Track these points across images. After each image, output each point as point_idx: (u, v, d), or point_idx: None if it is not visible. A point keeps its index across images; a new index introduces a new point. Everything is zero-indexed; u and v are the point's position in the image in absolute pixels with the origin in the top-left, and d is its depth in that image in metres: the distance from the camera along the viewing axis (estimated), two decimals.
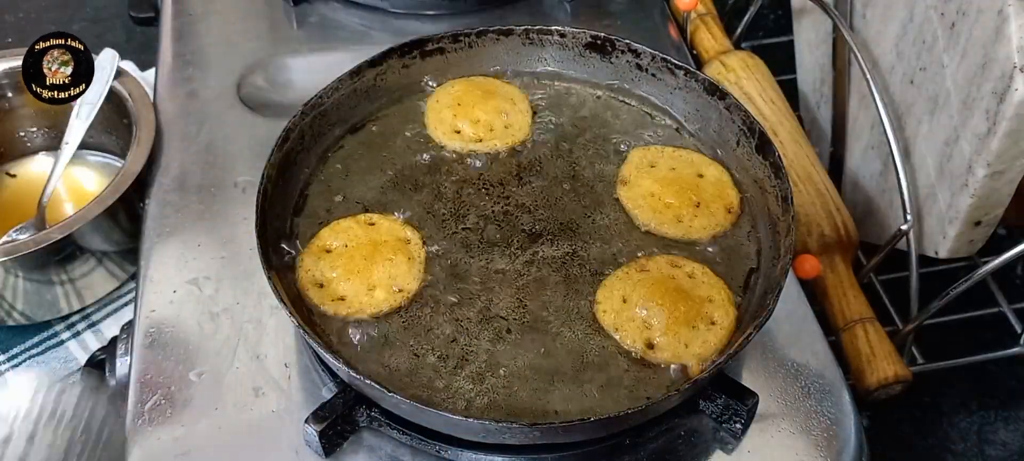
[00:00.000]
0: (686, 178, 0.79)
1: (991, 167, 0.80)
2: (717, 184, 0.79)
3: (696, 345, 0.68)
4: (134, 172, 0.85)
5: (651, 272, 0.72)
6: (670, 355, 0.68)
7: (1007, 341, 0.94)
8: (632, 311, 0.70)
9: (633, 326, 0.69)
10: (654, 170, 0.80)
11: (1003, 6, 0.76)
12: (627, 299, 0.71)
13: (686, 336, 0.69)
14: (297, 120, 0.76)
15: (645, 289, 0.70)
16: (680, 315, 0.69)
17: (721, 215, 0.77)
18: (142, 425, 0.69)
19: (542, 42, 0.86)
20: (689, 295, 0.70)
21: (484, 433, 0.63)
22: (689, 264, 0.73)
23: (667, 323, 0.69)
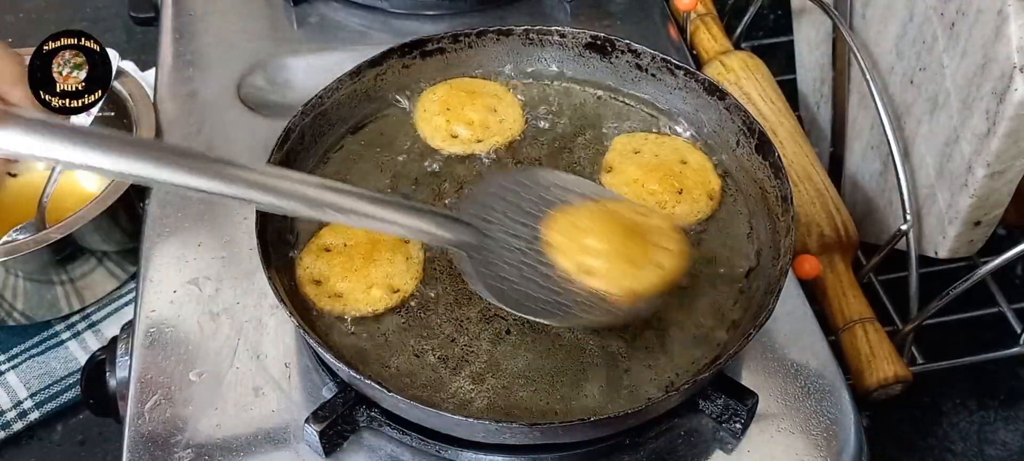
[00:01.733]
0: (669, 165, 0.79)
1: (991, 167, 0.80)
2: (699, 171, 0.79)
3: (632, 281, 0.67)
4: None
5: (613, 209, 0.72)
6: (603, 284, 0.67)
7: (1007, 341, 0.94)
8: (581, 236, 0.69)
9: (577, 250, 0.68)
10: (638, 156, 0.80)
11: (1003, 6, 0.76)
12: (581, 225, 0.70)
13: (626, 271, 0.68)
14: (297, 120, 0.76)
15: (602, 221, 0.70)
16: (625, 252, 0.68)
17: (703, 202, 0.78)
18: (142, 425, 0.69)
19: (542, 42, 0.86)
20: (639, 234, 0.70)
21: (484, 433, 0.64)
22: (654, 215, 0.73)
23: (610, 255, 0.68)
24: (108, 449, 0.89)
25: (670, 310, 0.72)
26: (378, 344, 0.69)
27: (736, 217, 0.78)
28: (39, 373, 0.90)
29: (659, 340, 0.70)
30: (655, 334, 0.70)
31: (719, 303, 0.72)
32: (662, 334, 0.70)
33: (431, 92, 0.84)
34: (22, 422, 0.88)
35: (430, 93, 0.84)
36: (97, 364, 0.76)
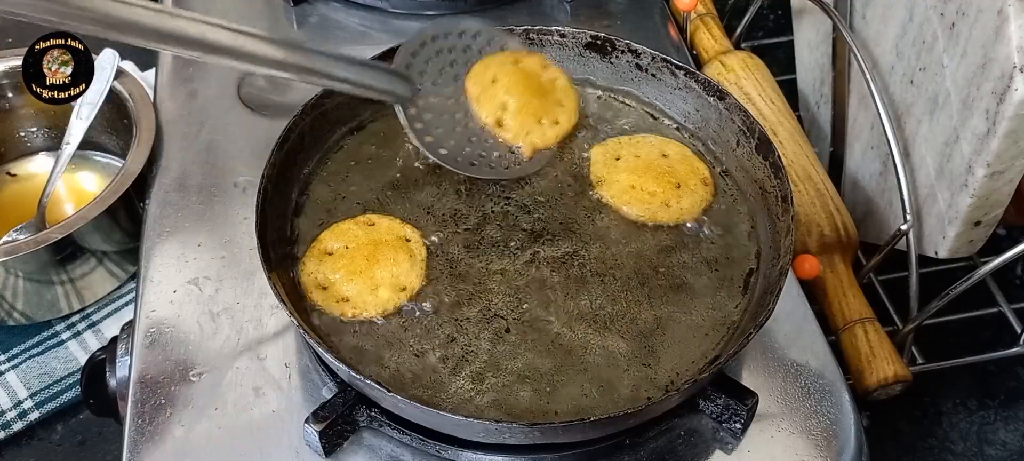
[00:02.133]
0: (655, 161, 0.80)
1: (991, 167, 0.80)
2: (684, 160, 0.81)
3: (535, 136, 0.79)
4: (134, 172, 0.86)
5: (523, 66, 0.81)
6: (511, 137, 0.79)
7: (1007, 341, 0.94)
8: (496, 91, 0.79)
9: (492, 104, 0.79)
10: (621, 162, 0.80)
11: (1003, 6, 0.76)
12: (496, 79, 0.79)
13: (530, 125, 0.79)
14: (297, 120, 0.77)
15: (513, 78, 0.79)
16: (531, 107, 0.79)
17: (700, 190, 0.78)
18: (142, 425, 0.69)
19: (542, 42, 0.86)
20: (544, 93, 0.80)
21: (484, 433, 0.64)
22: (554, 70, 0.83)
23: (518, 109, 0.79)
24: (108, 449, 0.89)
25: (670, 310, 0.72)
26: (378, 344, 0.69)
27: (736, 217, 0.78)
28: (39, 373, 0.90)
29: (659, 340, 0.70)
30: (655, 334, 0.70)
31: (719, 303, 0.72)
32: (662, 334, 0.70)
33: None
34: (22, 422, 0.88)
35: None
36: (97, 364, 0.76)
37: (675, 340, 0.70)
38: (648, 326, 0.71)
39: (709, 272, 0.74)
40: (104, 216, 0.84)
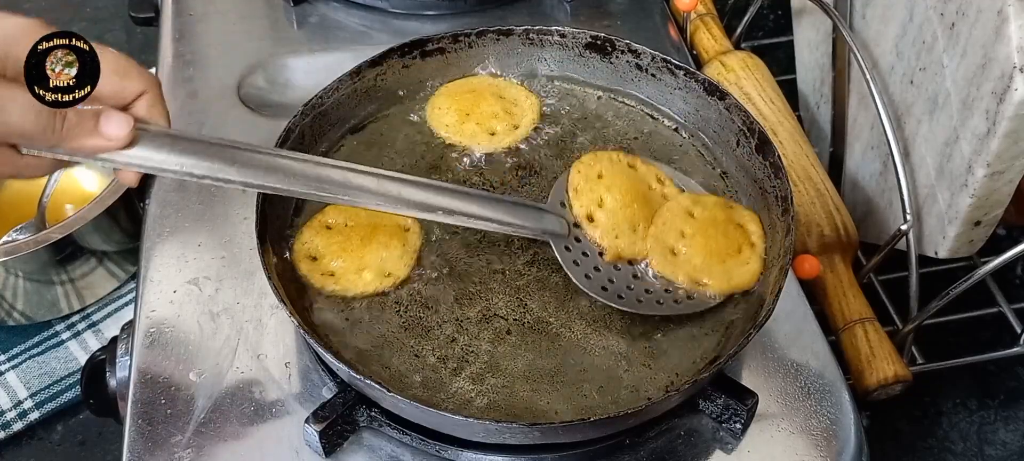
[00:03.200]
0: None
1: (991, 167, 0.80)
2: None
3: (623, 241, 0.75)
4: None
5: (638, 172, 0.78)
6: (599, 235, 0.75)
7: (1007, 341, 0.94)
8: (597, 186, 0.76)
9: (590, 197, 0.76)
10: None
11: (1003, 6, 0.76)
12: (602, 176, 0.77)
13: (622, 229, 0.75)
14: (297, 120, 0.76)
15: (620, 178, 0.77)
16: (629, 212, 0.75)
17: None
18: (142, 425, 0.69)
19: (542, 42, 0.86)
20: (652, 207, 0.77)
21: (484, 433, 0.64)
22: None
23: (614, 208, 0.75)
24: (108, 449, 0.89)
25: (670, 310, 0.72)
26: (378, 344, 0.69)
27: None
28: (39, 373, 0.90)
29: (659, 340, 0.70)
30: (655, 334, 0.70)
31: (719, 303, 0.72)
32: (662, 334, 0.70)
33: (453, 85, 0.85)
34: (22, 422, 0.88)
35: (451, 86, 0.84)
36: (97, 364, 0.76)
37: (675, 340, 0.70)
38: (648, 326, 0.71)
39: None
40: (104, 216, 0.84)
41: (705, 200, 0.77)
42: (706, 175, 0.81)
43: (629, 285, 0.72)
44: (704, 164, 0.81)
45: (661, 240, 0.74)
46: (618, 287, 0.72)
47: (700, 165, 0.81)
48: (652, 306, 0.71)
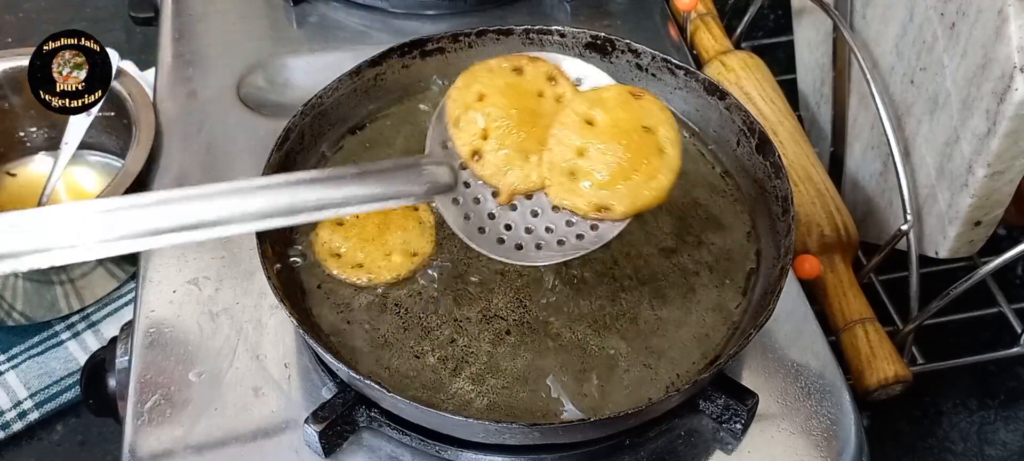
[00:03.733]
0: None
1: (991, 167, 0.80)
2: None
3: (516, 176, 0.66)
4: (134, 172, 0.85)
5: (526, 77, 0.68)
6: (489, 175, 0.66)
7: (1007, 341, 0.94)
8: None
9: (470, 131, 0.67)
10: None
11: (1003, 6, 0.76)
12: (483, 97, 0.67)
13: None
14: (297, 120, 0.76)
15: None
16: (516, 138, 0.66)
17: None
18: (141, 425, 0.69)
19: (542, 42, 0.85)
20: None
21: (484, 433, 0.64)
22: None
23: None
24: (108, 449, 0.89)
25: (670, 310, 0.72)
26: (378, 344, 0.69)
27: (736, 217, 0.78)
28: (39, 373, 0.90)
29: (659, 340, 0.70)
30: (655, 334, 0.70)
31: (719, 303, 0.72)
32: (662, 334, 0.70)
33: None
34: (22, 422, 0.88)
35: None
36: (97, 364, 0.76)
37: (675, 340, 0.70)
38: (648, 326, 0.71)
39: (709, 272, 0.74)
40: None
41: (605, 98, 0.67)
42: (706, 174, 0.81)
43: (528, 227, 0.65)
44: (704, 164, 0.81)
45: (557, 163, 0.65)
46: (516, 234, 0.65)
47: (700, 164, 0.81)
48: (553, 249, 0.64)
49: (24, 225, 0.52)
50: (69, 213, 0.54)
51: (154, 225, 0.54)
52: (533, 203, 0.67)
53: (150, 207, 0.54)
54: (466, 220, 0.65)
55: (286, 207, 0.59)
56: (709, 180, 0.80)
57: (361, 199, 0.62)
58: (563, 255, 0.65)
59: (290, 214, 0.59)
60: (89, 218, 0.53)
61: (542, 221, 0.66)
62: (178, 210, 0.55)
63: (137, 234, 0.54)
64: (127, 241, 0.53)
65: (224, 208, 0.56)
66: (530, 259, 0.65)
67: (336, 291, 0.72)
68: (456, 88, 0.68)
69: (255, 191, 0.58)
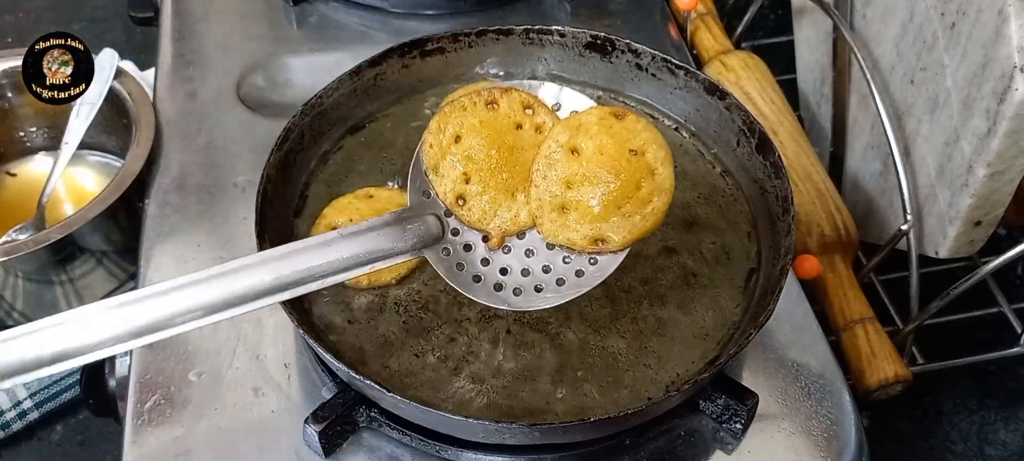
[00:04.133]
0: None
1: (991, 167, 0.80)
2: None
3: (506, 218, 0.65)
4: (133, 172, 0.85)
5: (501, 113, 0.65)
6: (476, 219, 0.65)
7: (1007, 341, 0.94)
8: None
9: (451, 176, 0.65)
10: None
11: (1003, 6, 0.76)
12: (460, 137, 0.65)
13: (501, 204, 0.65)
14: (297, 120, 0.76)
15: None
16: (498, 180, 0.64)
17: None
18: (141, 425, 0.69)
19: (542, 42, 0.85)
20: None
21: (484, 433, 0.63)
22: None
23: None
24: (108, 449, 0.89)
25: (670, 310, 0.72)
26: (378, 344, 0.69)
27: (736, 217, 0.78)
28: None
29: (659, 340, 0.70)
30: (655, 334, 0.70)
31: (719, 303, 0.72)
32: (662, 334, 0.70)
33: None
34: (22, 422, 0.88)
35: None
36: (97, 364, 0.76)
37: (675, 340, 0.70)
38: (648, 326, 0.71)
39: (709, 272, 0.74)
40: (103, 216, 0.84)
41: (587, 124, 0.64)
42: (706, 174, 0.81)
43: (524, 269, 0.64)
44: (704, 164, 0.81)
45: (546, 199, 0.64)
46: (513, 278, 0.64)
47: (700, 164, 0.81)
48: (552, 290, 0.63)
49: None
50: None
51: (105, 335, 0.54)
52: (526, 242, 0.65)
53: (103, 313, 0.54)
54: (459, 270, 0.64)
55: (270, 286, 0.58)
56: (709, 180, 0.80)
57: (347, 265, 0.60)
58: (563, 297, 0.63)
59: (274, 292, 0.58)
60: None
61: (538, 260, 0.64)
62: (141, 310, 0.55)
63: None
64: None
65: (202, 297, 0.56)
66: (531, 304, 0.63)
67: (336, 291, 0.72)
68: (430, 133, 0.65)
69: (233, 274, 0.57)
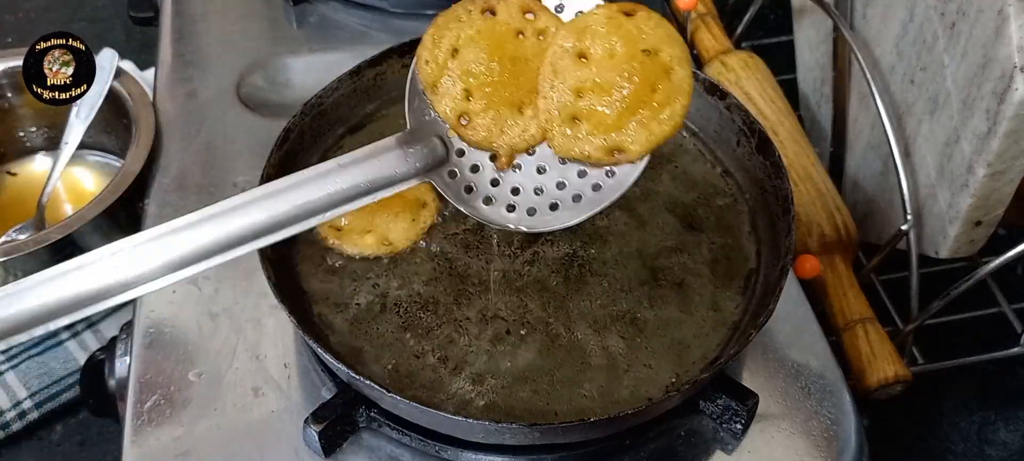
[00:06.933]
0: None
1: (991, 167, 0.80)
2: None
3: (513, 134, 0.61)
4: (133, 172, 0.85)
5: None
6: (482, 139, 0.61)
7: (1007, 341, 0.94)
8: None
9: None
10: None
11: (1003, 6, 0.76)
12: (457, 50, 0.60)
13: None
14: (297, 120, 0.76)
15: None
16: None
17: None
18: (141, 425, 0.69)
19: None
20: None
21: (484, 433, 0.63)
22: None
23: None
24: (108, 449, 0.89)
25: (670, 310, 0.72)
26: (377, 345, 0.69)
27: (736, 217, 0.78)
28: (38, 373, 0.90)
29: (659, 340, 0.70)
30: (655, 334, 0.70)
31: (719, 303, 0.72)
32: (662, 334, 0.70)
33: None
34: (21, 422, 0.88)
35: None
36: (96, 364, 0.76)
37: (675, 340, 0.70)
38: (648, 326, 0.71)
39: (709, 272, 0.74)
40: (103, 216, 0.84)
41: (593, 25, 0.59)
42: (706, 174, 0.81)
43: (537, 187, 0.59)
44: (704, 163, 0.81)
45: (555, 110, 0.59)
46: (526, 197, 0.59)
47: (700, 164, 0.81)
48: (570, 207, 0.58)
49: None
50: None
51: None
52: (537, 158, 0.60)
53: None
54: (468, 193, 0.59)
55: (266, 224, 0.55)
56: (709, 180, 0.80)
57: (347, 195, 0.57)
58: (581, 213, 0.59)
59: (270, 231, 0.55)
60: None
61: (551, 177, 0.60)
62: (147, 252, 0.53)
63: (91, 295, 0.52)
64: None
65: (187, 245, 0.54)
66: (547, 223, 0.59)
67: (336, 291, 0.72)
68: (424, 48, 0.60)
69: (222, 217, 0.55)
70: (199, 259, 0.54)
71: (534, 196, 0.60)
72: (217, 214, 0.55)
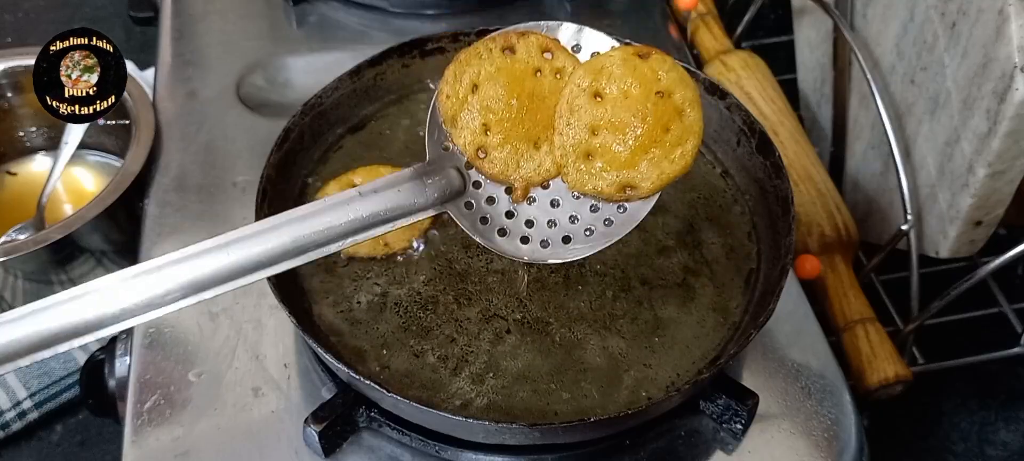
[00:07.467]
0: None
1: (992, 167, 0.80)
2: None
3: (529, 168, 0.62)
4: (133, 172, 0.85)
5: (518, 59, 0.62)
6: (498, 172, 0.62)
7: (1007, 341, 0.94)
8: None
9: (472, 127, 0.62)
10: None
11: (1003, 6, 0.76)
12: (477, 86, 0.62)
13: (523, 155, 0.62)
14: (297, 120, 0.76)
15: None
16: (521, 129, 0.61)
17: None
18: (141, 425, 0.69)
19: None
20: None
21: (484, 433, 0.63)
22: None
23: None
24: (108, 449, 0.89)
25: (670, 310, 0.72)
26: (377, 344, 0.69)
27: (736, 217, 0.78)
28: (38, 373, 0.90)
29: (659, 340, 0.70)
30: (655, 334, 0.70)
31: (719, 303, 0.72)
32: (662, 334, 0.70)
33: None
34: (21, 422, 0.88)
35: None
36: (96, 364, 0.76)
37: (675, 340, 0.70)
38: (648, 326, 0.71)
39: (709, 272, 0.74)
40: (103, 216, 0.84)
41: (609, 66, 0.62)
42: (706, 174, 0.81)
43: (551, 220, 0.61)
44: (704, 164, 0.81)
45: (570, 147, 0.61)
46: (539, 230, 0.62)
47: (700, 165, 0.81)
48: (583, 240, 0.61)
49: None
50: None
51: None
52: (551, 192, 0.62)
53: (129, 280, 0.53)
54: (483, 223, 0.61)
55: (288, 248, 0.56)
56: (709, 180, 0.80)
57: (367, 223, 0.58)
58: (593, 247, 0.61)
59: (293, 256, 0.56)
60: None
61: (564, 211, 0.62)
62: (170, 274, 0.53)
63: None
64: None
65: (221, 262, 0.54)
66: (560, 255, 0.60)
67: (336, 291, 0.72)
68: (446, 83, 0.63)
69: (253, 238, 0.55)
70: (223, 281, 0.54)
71: (547, 229, 0.62)
72: (245, 237, 0.56)
